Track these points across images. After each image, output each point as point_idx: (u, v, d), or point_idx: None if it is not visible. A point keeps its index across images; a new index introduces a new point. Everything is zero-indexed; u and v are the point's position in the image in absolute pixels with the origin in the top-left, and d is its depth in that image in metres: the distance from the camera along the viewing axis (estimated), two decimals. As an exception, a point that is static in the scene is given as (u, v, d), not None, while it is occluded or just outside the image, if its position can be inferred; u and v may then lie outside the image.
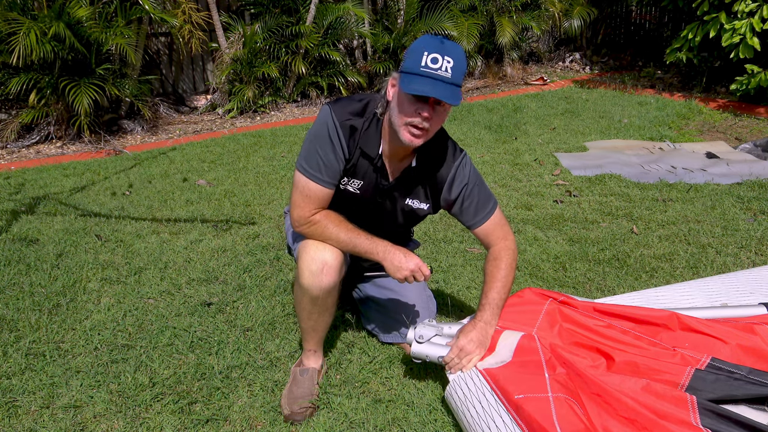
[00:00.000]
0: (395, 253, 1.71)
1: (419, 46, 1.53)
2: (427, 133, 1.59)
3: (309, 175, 1.69)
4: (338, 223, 1.72)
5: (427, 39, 1.54)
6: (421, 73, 1.50)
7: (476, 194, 1.80)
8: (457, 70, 1.52)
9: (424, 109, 1.54)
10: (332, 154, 1.67)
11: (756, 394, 1.57)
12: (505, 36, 7.31)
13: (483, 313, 1.77)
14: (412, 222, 1.93)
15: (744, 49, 5.47)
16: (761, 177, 3.76)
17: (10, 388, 1.94)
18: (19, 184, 4.19)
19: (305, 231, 1.74)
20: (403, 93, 1.55)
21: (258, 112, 6.38)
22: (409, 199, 1.81)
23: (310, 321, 1.83)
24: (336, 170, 1.70)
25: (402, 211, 1.84)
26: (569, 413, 1.43)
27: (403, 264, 1.70)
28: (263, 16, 6.36)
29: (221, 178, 4.21)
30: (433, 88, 1.49)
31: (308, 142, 1.70)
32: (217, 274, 2.73)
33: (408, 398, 1.85)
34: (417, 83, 1.50)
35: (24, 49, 4.56)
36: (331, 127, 1.66)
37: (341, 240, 1.71)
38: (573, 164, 4.25)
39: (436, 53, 1.50)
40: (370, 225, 1.78)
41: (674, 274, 2.61)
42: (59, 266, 2.83)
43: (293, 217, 1.75)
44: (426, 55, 1.50)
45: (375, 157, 1.70)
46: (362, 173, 1.74)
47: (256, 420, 1.79)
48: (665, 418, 1.47)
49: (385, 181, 1.76)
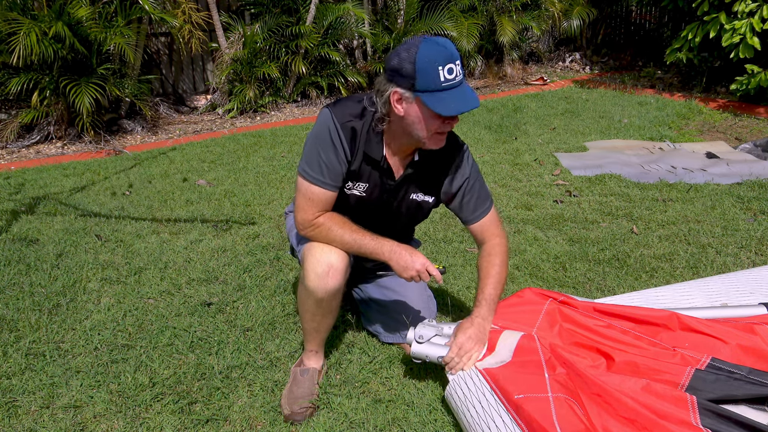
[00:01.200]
0: (401, 252, 1.71)
1: (428, 60, 1.50)
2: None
3: (311, 178, 1.69)
4: (342, 225, 1.72)
5: (431, 49, 1.51)
6: (444, 88, 1.52)
7: (477, 189, 1.81)
8: (461, 65, 1.56)
9: (454, 119, 1.58)
10: (334, 157, 1.67)
11: (756, 394, 1.57)
12: (505, 36, 7.31)
13: (480, 309, 1.77)
14: (417, 218, 1.93)
15: (744, 49, 5.47)
16: (761, 177, 3.76)
17: (10, 388, 1.94)
18: (19, 184, 4.19)
19: (310, 234, 1.74)
20: (430, 110, 1.54)
21: (258, 112, 6.38)
22: (414, 194, 1.81)
23: (314, 322, 1.83)
24: (338, 172, 1.70)
25: (408, 208, 1.84)
26: (569, 413, 1.43)
27: (410, 263, 1.70)
28: (263, 16, 6.36)
29: (221, 178, 4.21)
30: (464, 102, 1.53)
31: (309, 145, 1.70)
32: (217, 274, 2.73)
33: (408, 398, 1.85)
34: (450, 102, 1.52)
35: (24, 49, 4.56)
36: (332, 130, 1.66)
37: (346, 241, 1.71)
38: (573, 164, 4.25)
39: (449, 63, 1.51)
40: (376, 224, 1.78)
41: (674, 274, 2.61)
42: (59, 266, 2.83)
43: (297, 221, 1.75)
44: (441, 69, 1.50)
45: (380, 159, 1.71)
46: (367, 176, 1.74)
47: (256, 420, 1.79)
48: (665, 418, 1.47)
49: (391, 181, 1.76)
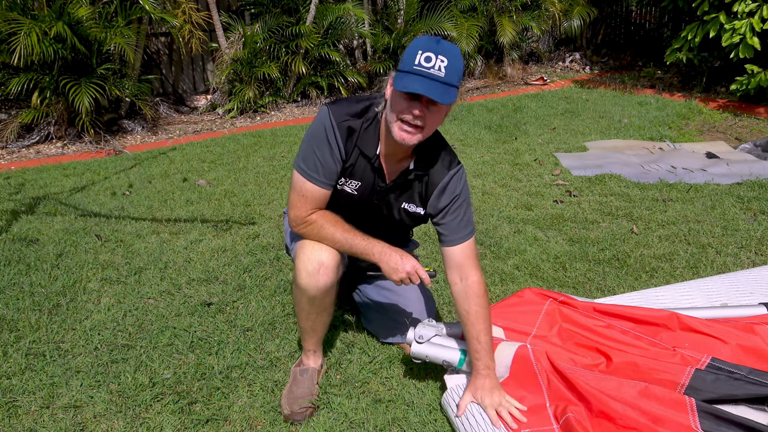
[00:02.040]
0: (391, 254, 1.69)
1: (414, 45, 1.53)
2: (421, 131, 1.56)
3: (306, 175, 1.69)
4: (335, 223, 1.71)
5: (424, 39, 1.54)
6: (414, 71, 1.50)
7: (463, 211, 1.75)
8: (451, 70, 1.50)
9: (416, 107, 1.52)
10: (329, 155, 1.67)
11: (756, 394, 1.57)
12: (505, 36, 7.31)
13: (482, 359, 1.67)
14: (410, 224, 1.91)
15: (744, 49, 5.47)
16: (761, 177, 3.76)
17: (10, 388, 1.94)
18: (19, 184, 4.19)
19: (302, 231, 1.74)
20: (396, 91, 1.54)
21: (258, 112, 6.38)
22: (405, 203, 1.79)
23: (309, 321, 1.83)
24: (333, 171, 1.70)
25: (398, 214, 1.82)
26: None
27: (399, 266, 1.68)
28: (263, 16, 6.36)
29: (221, 178, 4.21)
30: (423, 86, 1.48)
31: (306, 143, 1.71)
32: (217, 274, 2.73)
33: (408, 398, 1.85)
34: (408, 80, 1.49)
35: (25, 49, 4.56)
36: (329, 128, 1.66)
37: (337, 240, 1.70)
38: (573, 164, 4.25)
39: (429, 52, 1.49)
40: (367, 226, 1.77)
41: (674, 274, 2.61)
42: (59, 266, 2.83)
43: (290, 217, 1.75)
44: (420, 54, 1.50)
45: (372, 157, 1.70)
46: (360, 174, 1.73)
47: (256, 420, 1.79)
48: (665, 423, 1.46)
49: (382, 183, 1.75)
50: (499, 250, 2.88)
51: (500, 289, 2.51)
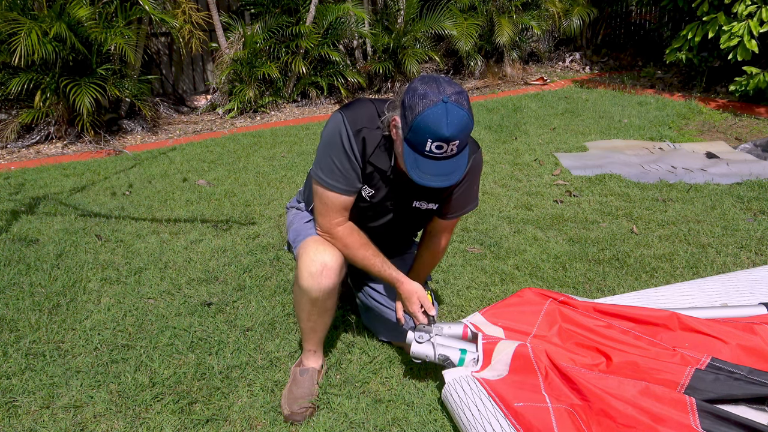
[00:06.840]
0: (410, 284, 1.82)
1: (424, 128, 1.45)
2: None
3: (326, 184, 1.68)
4: (359, 247, 1.75)
5: (434, 119, 1.44)
6: (427, 156, 1.49)
7: (469, 190, 1.79)
8: (462, 142, 1.48)
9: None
10: (347, 162, 1.66)
11: (756, 394, 1.57)
12: (502, 36, 7.31)
13: (412, 273, 1.98)
14: (420, 224, 1.93)
15: (742, 52, 5.46)
16: (761, 177, 3.77)
17: (10, 388, 1.94)
18: (19, 184, 4.19)
19: (327, 240, 1.77)
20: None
21: (258, 112, 6.37)
22: (417, 202, 1.80)
23: (310, 322, 1.83)
24: (353, 177, 1.68)
25: (410, 214, 1.83)
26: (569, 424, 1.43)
27: (415, 307, 1.81)
28: (263, 16, 6.36)
29: (221, 178, 4.21)
30: (435, 177, 1.50)
31: (322, 151, 1.69)
32: (217, 274, 2.73)
33: (408, 398, 1.85)
34: (424, 169, 1.49)
35: (25, 49, 4.56)
36: (344, 135, 1.64)
37: (357, 262, 1.77)
38: (573, 164, 4.25)
39: (439, 142, 1.46)
40: (378, 226, 1.79)
41: (674, 274, 2.61)
42: (59, 266, 2.83)
43: (317, 223, 1.77)
44: (429, 142, 1.46)
45: (387, 170, 1.70)
46: (375, 182, 1.73)
47: (256, 420, 1.79)
48: (665, 422, 1.46)
49: (397, 189, 1.75)
50: (499, 250, 2.88)
51: (500, 289, 2.52)
